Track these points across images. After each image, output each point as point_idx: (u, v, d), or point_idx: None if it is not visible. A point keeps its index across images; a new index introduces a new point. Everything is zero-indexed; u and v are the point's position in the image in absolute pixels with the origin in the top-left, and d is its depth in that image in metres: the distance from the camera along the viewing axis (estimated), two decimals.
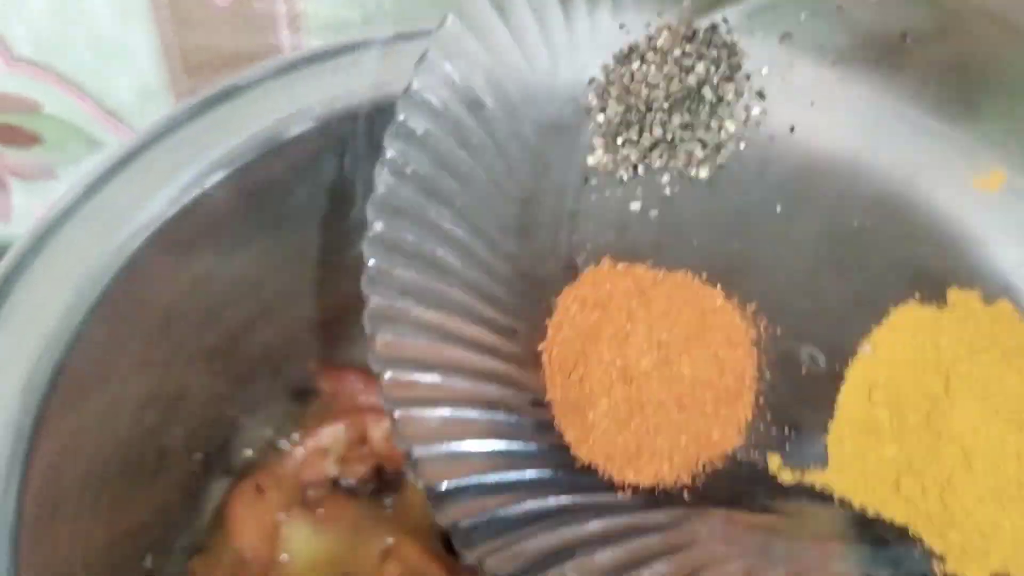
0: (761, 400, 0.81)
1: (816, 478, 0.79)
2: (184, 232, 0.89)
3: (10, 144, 1.33)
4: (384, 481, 1.16)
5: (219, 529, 1.12)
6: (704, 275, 0.84)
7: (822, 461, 0.80)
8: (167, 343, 0.94)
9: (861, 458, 0.80)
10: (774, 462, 0.80)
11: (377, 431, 1.19)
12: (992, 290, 0.85)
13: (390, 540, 1.10)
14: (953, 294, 0.86)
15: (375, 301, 0.79)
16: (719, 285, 0.84)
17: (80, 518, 0.84)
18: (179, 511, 1.08)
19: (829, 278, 0.88)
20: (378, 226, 0.77)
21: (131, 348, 0.88)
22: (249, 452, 1.17)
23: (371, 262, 0.77)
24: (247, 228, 0.99)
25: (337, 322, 1.21)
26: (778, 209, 0.89)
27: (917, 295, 0.85)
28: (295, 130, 0.94)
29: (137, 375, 0.90)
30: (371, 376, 1.24)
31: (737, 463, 0.79)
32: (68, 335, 0.79)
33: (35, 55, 1.21)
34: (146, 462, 0.97)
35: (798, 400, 0.83)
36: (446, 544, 1.10)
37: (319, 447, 1.17)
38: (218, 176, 0.91)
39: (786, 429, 0.81)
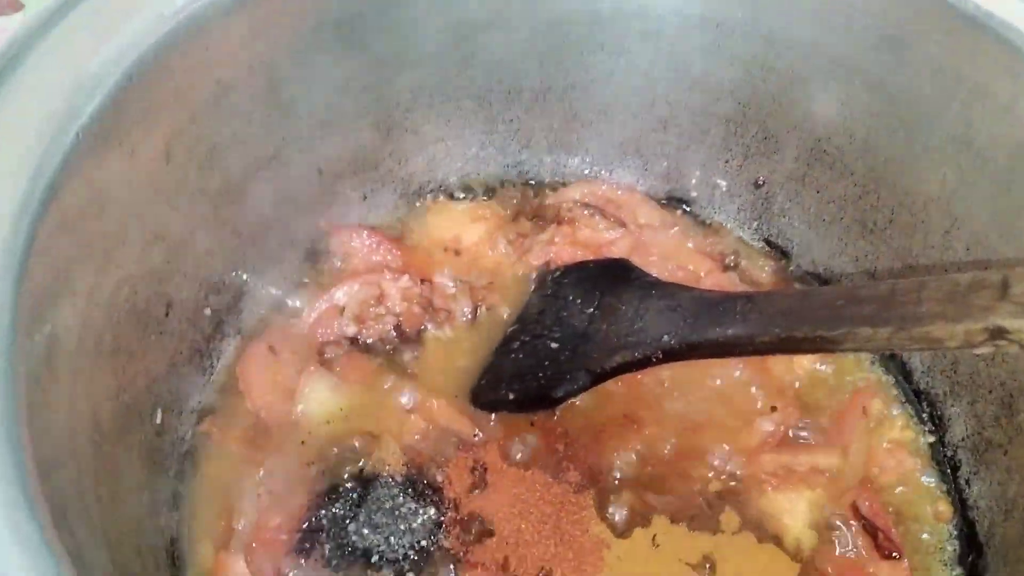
0: None
1: None
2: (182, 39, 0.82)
3: None
4: (404, 338, 1.10)
5: (232, 391, 1.06)
6: None
7: None
8: (169, 177, 0.87)
9: None
10: None
11: (394, 289, 1.12)
12: None
13: (413, 396, 1.04)
14: None
15: None
16: None
17: (83, 363, 0.78)
18: (189, 369, 1.02)
19: None
20: None
21: (130, 177, 0.81)
22: (261, 311, 1.11)
23: None
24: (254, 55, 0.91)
25: (341, 180, 1.15)
26: None
27: None
28: None
29: (138, 206, 0.83)
30: (384, 235, 1.20)
31: None
32: (60, 154, 0.71)
33: None
34: (152, 310, 0.90)
35: None
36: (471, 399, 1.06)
37: (334, 306, 1.11)
38: None
39: None
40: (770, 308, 0.89)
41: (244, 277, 1.07)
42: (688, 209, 1.27)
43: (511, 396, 1.03)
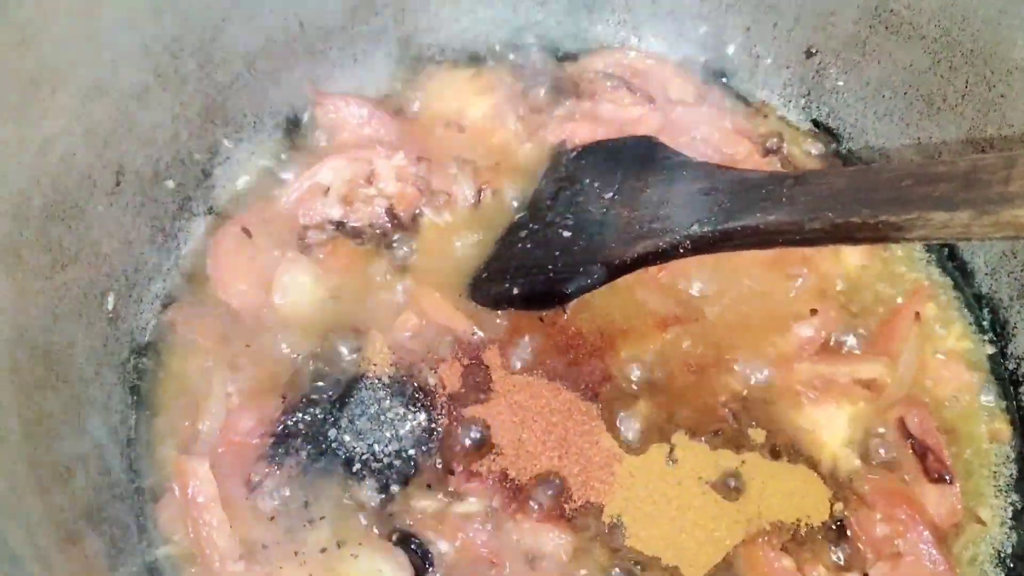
0: None
1: None
2: None
3: None
4: (397, 224, 0.97)
5: (200, 277, 0.93)
6: None
7: None
8: (110, 17, 0.73)
9: None
10: None
11: (386, 167, 0.99)
12: None
13: (405, 288, 0.92)
14: None
15: None
16: None
17: (11, 232, 0.66)
18: (149, 249, 0.89)
19: None
20: None
21: (58, 11, 0.67)
22: (234, 189, 0.98)
23: None
24: None
25: (327, 36, 1.00)
26: None
27: None
28: None
29: (68, 47, 0.69)
30: (376, 105, 1.05)
31: None
32: None
33: None
34: (96, 175, 0.77)
35: None
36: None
37: (317, 184, 0.97)
38: None
39: None
40: (823, 189, 0.74)
41: (213, 146, 0.94)
42: (727, 83, 1.11)
43: (516, 291, 0.90)
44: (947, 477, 0.87)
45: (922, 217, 0.66)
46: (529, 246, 0.93)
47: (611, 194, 0.92)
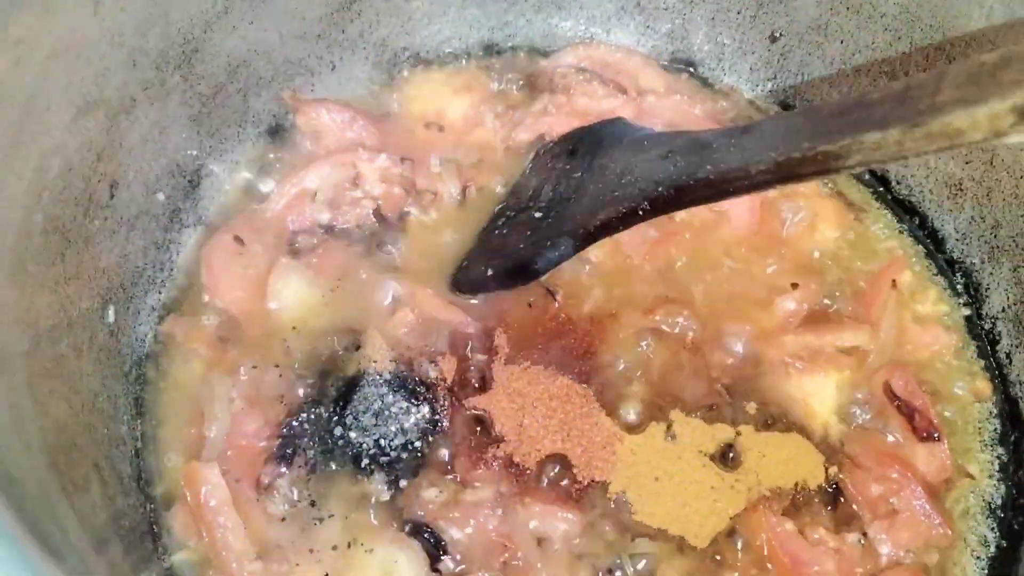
0: None
1: None
2: None
3: None
4: (385, 224, 0.98)
5: (195, 287, 0.94)
6: None
7: None
8: (99, 32, 0.74)
9: None
10: None
11: (371, 170, 1.00)
12: None
13: (398, 286, 0.93)
14: None
15: None
16: None
17: (8, 241, 0.66)
18: (144, 261, 0.90)
19: None
20: None
21: (50, 29, 0.68)
22: (222, 199, 0.98)
23: None
24: None
25: (305, 45, 1.01)
26: None
27: None
28: None
29: (62, 64, 0.70)
30: (357, 109, 1.07)
31: None
32: None
33: None
34: (93, 190, 0.78)
35: None
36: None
37: (304, 190, 0.98)
38: None
39: None
40: (767, 132, 0.76)
41: (200, 157, 0.95)
42: (694, 71, 1.14)
43: (489, 272, 0.92)
44: (935, 435, 0.90)
45: (856, 141, 0.67)
46: (505, 232, 0.96)
47: (579, 173, 0.94)
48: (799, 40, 1.06)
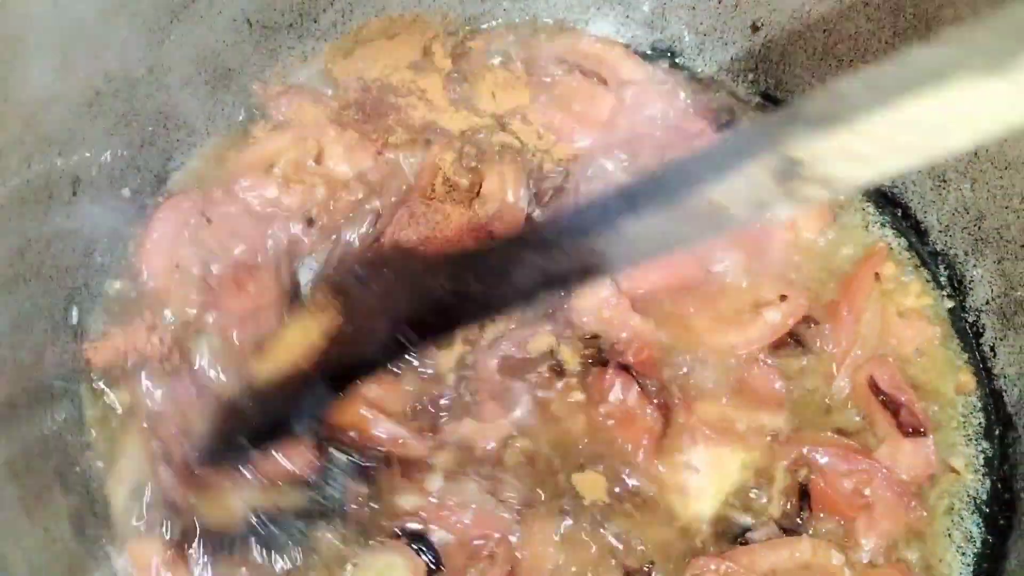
0: None
1: None
2: None
3: None
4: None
5: None
6: None
7: None
8: (54, 26, 0.70)
9: None
10: None
11: (337, 147, 0.95)
12: None
13: None
14: None
15: None
16: None
17: None
18: (108, 260, 0.86)
19: None
20: None
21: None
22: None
23: None
24: None
25: (276, 34, 0.97)
26: None
27: None
28: None
29: (15, 59, 0.67)
30: (329, 99, 1.02)
31: None
32: None
33: None
34: (54, 188, 0.75)
35: None
36: None
37: (263, 156, 0.94)
38: None
39: None
40: None
41: (167, 153, 0.91)
42: (676, 62, 1.12)
43: None
44: (922, 429, 0.89)
45: None
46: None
47: None
48: (781, 30, 1.04)
